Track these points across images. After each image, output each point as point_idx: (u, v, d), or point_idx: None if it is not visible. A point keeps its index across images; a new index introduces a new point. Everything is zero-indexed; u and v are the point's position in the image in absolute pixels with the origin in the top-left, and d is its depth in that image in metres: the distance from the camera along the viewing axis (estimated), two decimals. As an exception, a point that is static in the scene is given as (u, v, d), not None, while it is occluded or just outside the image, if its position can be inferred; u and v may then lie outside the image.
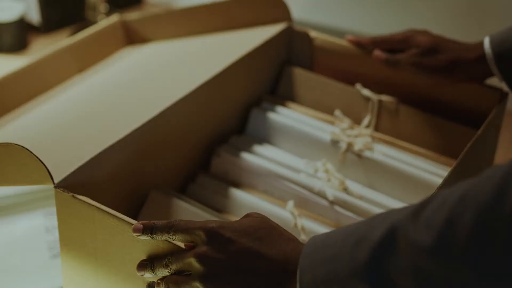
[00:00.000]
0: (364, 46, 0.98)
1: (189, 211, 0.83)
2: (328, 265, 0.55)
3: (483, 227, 0.47)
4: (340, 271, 0.54)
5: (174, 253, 0.64)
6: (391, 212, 0.55)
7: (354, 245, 0.54)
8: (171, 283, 0.63)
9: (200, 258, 0.61)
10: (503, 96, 0.92)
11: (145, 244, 0.66)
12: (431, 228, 0.50)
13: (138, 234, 0.64)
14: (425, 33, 0.93)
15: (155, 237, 0.64)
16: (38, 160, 0.71)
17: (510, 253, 0.46)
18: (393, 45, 0.95)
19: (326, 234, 0.58)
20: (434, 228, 0.49)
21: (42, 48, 1.39)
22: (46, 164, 0.71)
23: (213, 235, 0.61)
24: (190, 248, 0.63)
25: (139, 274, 0.66)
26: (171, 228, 0.63)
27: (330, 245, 0.56)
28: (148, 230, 0.64)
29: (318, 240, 0.57)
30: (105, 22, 1.07)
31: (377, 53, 0.96)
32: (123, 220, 0.67)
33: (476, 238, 0.48)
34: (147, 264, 0.65)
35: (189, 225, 0.63)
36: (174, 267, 0.63)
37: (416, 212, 0.52)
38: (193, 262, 0.61)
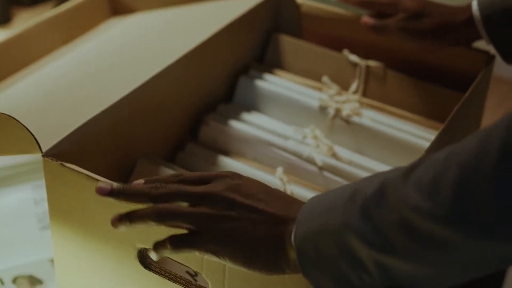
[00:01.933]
0: (353, 5, 0.98)
1: None
2: (321, 218, 0.55)
3: (464, 184, 0.48)
4: (332, 223, 0.54)
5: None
6: (385, 172, 0.56)
7: (347, 199, 0.55)
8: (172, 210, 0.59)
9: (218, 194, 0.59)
10: (490, 59, 0.92)
11: (135, 210, 0.66)
12: (420, 187, 0.51)
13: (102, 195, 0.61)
14: (412, -3, 0.92)
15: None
16: (25, 128, 0.70)
17: (490, 208, 0.47)
18: (380, 7, 0.94)
19: (327, 191, 0.59)
20: (422, 187, 0.50)
21: (27, 21, 1.37)
22: (33, 133, 0.70)
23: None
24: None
25: (113, 227, 0.61)
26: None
27: (326, 200, 0.56)
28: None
29: (318, 197, 0.58)
30: (89, -8, 1.06)
31: (365, 19, 0.95)
32: (112, 187, 0.67)
33: (458, 195, 0.48)
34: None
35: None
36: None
37: (407, 172, 0.53)
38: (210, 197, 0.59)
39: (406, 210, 0.51)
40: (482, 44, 0.91)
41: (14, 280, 0.88)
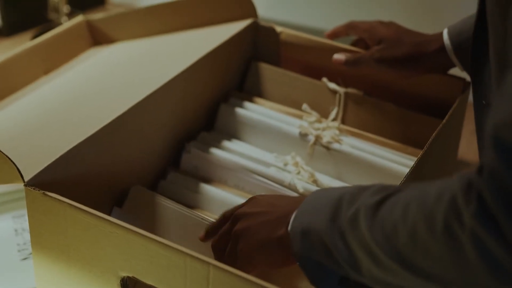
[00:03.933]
0: (340, 35, 1.00)
1: (171, 209, 0.84)
2: (312, 216, 0.63)
3: (414, 240, 0.55)
4: (318, 224, 0.62)
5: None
6: (365, 192, 0.61)
7: (333, 207, 0.62)
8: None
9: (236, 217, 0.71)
10: (466, 85, 0.94)
11: (118, 238, 0.66)
12: (383, 229, 0.57)
13: None
14: (389, 25, 0.94)
15: None
16: (7, 158, 0.70)
17: (430, 264, 0.54)
18: (359, 33, 0.96)
19: (326, 189, 0.67)
20: (384, 230, 0.57)
21: (5, 51, 1.37)
22: (15, 163, 0.70)
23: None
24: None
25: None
26: None
27: (318, 201, 0.64)
28: None
29: (315, 194, 0.66)
30: (70, 23, 1.07)
31: (335, 56, 0.97)
32: (95, 215, 0.67)
33: (408, 247, 0.55)
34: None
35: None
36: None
37: (378, 205, 0.58)
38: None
39: (372, 242, 0.58)
40: (458, 71, 0.93)
41: (-5, 311, 0.87)
